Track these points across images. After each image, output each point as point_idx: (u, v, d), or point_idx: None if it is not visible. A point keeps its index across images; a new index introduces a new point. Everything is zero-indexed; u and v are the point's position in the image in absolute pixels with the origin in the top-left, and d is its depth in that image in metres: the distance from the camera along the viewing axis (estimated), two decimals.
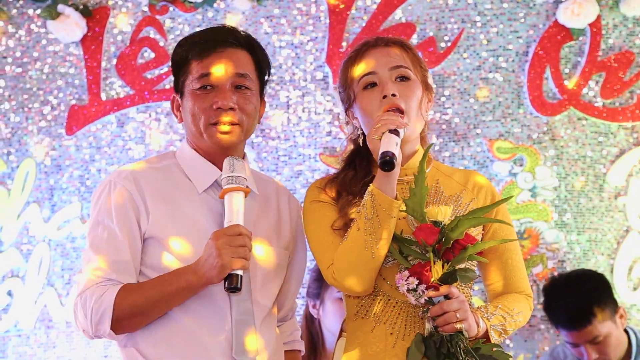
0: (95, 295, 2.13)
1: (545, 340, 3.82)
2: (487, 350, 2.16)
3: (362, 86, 2.27)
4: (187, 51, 2.26)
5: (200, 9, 3.92)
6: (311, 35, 3.93)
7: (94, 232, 2.20)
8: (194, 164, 2.27)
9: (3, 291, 3.78)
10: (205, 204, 2.23)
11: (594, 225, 3.86)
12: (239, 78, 2.25)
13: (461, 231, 2.11)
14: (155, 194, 2.21)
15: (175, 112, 2.31)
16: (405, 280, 2.09)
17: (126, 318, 2.13)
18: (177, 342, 2.17)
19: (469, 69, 3.91)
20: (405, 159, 2.28)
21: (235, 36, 2.28)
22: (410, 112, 2.24)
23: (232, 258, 2.08)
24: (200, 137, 2.24)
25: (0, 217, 3.82)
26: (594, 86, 3.89)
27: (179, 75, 2.29)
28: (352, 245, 2.15)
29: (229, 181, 2.17)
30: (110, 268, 2.16)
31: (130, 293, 2.14)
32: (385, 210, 2.13)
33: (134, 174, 2.23)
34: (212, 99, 2.22)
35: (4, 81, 3.90)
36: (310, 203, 2.28)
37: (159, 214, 2.19)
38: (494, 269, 2.31)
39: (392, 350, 2.18)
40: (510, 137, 3.89)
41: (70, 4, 3.85)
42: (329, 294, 3.36)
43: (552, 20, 3.89)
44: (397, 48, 2.30)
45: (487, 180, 2.37)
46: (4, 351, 3.77)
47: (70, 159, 3.87)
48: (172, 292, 2.14)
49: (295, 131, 3.91)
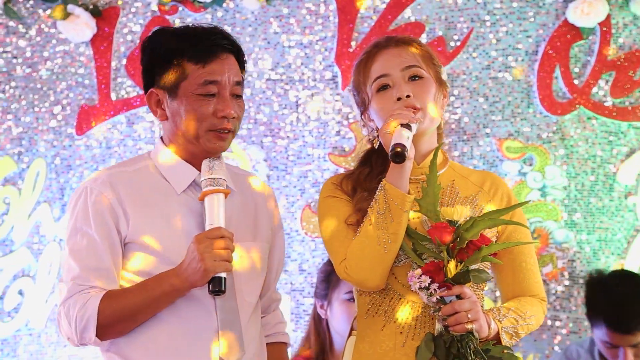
0: (78, 303, 2.12)
1: (554, 340, 3.82)
2: (497, 352, 2.15)
3: (376, 89, 2.27)
4: (182, 51, 2.22)
5: (209, 8, 3.93)
6: (320, 35, 3.93)
7: (72, 239, 2.18)
8: (171, 164, 2.24)
9: (14, 290, 3.79)
10: (185, 205, 2.21)
11: (604, 224, 3.85)
12: (237, 87, 2.25)
13: (476, 232, 2.11)
14: (134, 197, 2.19)
15: (155, 109, 2.26)
16: (417, 279, 2.09)
17: (111, 325, 2.12)
18: (162, 344, 2.17)
19: (479, 68, 3.90)
20: (422, 157, 2.27)
21: (229, 41, 2.27)
22: (427, 110, 2.24)
23: (215, 262, 2.08)
24: (195, 140, 2.22)
25: (11, 216, 3.83)
26: (604, 85, 3.88)
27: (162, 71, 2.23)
28: (365, 240, 2.15)
29: (208, 183, 2.16)
30: (92, 275, 2.14)
31: (114, 299, 2.13)
32: (397, 204, 2.13)
33: (110, 178, 2.20)
34: (215, 106, 2.20)
35: (14, 81, 3.91)
36: (325, 198, 2.28)
37: (139, 217, 2.18)
38: (508, 272, 2.30)
39: (402, 349, 2.17)
40: (519, 136, 3.89)
41: (80, 4, 3.86)
42: (336, 294, 3.36)
43: (562, 20, 3.88)
44: (408, 47, 2.30)
45: (503, 182, 2.35)
46: (15, 350, 3.79)
47: (81, 159, 3.89)
48: (157, 297, 2.13)
49: (305, 131, 3.91)
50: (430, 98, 2.25)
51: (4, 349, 3.78)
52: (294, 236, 3.89)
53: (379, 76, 2.26)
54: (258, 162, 3.89)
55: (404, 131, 2.13)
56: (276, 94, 3.93)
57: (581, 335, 3.81)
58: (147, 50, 2.27)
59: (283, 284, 3.85)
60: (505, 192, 2.32)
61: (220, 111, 2.20)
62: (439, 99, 2.29)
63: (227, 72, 2.22)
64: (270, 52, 3.93)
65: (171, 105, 2.23)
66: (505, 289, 2.32)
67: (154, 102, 2.25)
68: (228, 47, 2.25)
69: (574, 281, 3.85)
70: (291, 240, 3.88)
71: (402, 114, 2.16)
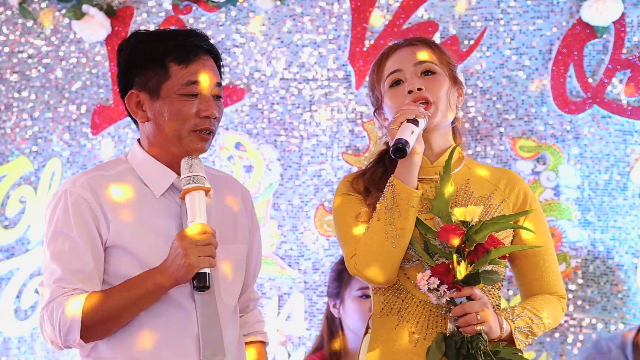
0: (62, 306, 2.11)
1: (568, 339, 3.82)
2: (507, 354, 2.15)
3: (389, 85, 2.28)
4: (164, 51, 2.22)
5: (223, 8, 3.94)
6: (334, 34, 3.94)
7: (54, 243, 2.17)
8: (149, 168, 2.24)
9: (31, 289, 3.82)
10: (164, 208, 2.22)
11: (618, 223, 3.85)
12: (217, 88, 2.26)
13: (484, 235, 2.11)
14: (113, 201, 2.19)
15: (135, 110, 2.25)
16: (426, 280, 2.09)
17: (95, 325, 2.11)
18: (143, 348, 2.16)
19: (492, 67, 3.90)
20: (436, 156, 2.27)
21: (209, 43, 2.28)
22: (439, 103, 2.24)
23: (199, 257, 2.08)
24: (177, 141, 2.22)
25: (27, 215, 3.86)
26: (618, 84, 3.87)
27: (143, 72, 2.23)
28: (373, 236, 2.16)
29: (189, 181, 2.15)
30: (75, 278, 2.13)
31: (98, 300, 2.12)
32: (404, 200, 2.13)
33: (90, 182, 2.19)
34: (197, 106, 2.21)
35: (29, 81, 3.94)
36: (339, 196, 2.29)
37: (118, 221, 2.17)
38: (526, 270, 2.29)
39: (414, 349, 2.18)
40: (533, 135, 3.88)
41: (94, 4, 3.87)
42: (348, 292, 3.38)
43: (576, 18, 3.87)
44: (421, 45, 2.31)
45: (520, 179, 2.34)
46: (32, 347, 3.82)
47: (96, 159, 3.91)
48: (141, 296, 2.12)
49: (318, 130, 3.92)
50: (442, 93, 2.25)
51: (21, 347, 3.82)
52: (308, 235, 3.90)
53: (392, 72, 2.28)
54: (272, 161, 3.91)
55: (410, 126, 2.13)
56: (290, 93, 3.94)
57: (594, 334, 3.81)
58: (124, 52, 2.27)
59: (297, 282, 3.88)
60: (522, 189, 2.30)
61: (203, 111, 2.21)
62: (452, 96, 2.29)
63: (208, 73, 2.23)
64: (283, 52, 3.93)
65: (153, 107, 2.23)
66: (524, 287, 2.32)
67: (134, 104, 2.25)
68: (208, 48, 2.27)
69: (587, 280, 3.85)
70: (305, 239, 3.89)
71: (409, 109, 2.16)
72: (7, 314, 3.80)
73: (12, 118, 3.91)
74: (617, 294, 3.83)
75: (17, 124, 3.91)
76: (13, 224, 3.87)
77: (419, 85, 2.23)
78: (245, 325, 2.41)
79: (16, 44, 3.92)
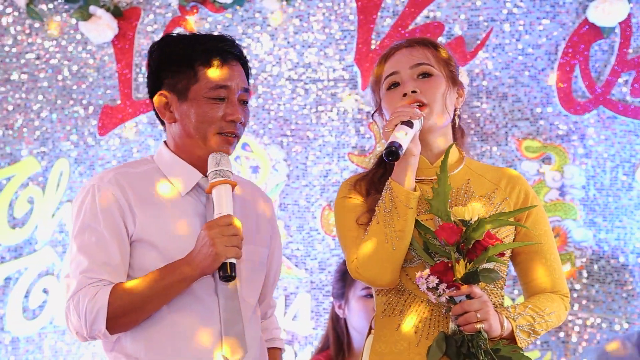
0: (88, 295, 2.14)
1: (572, 338, 3.84)
2: (507, 352, 2.15)
3: (386, 87, 2.29)
4: (193, 55, 2.27)
5: (230, 9, 3.94)
6: (340, 35, 3.94)
7: (81, 236, 2.20)
8: (176, 167, 2.28)
9: (39, 289, 3.84)
10: (189, 207, 2.25)
11: (623, 223, 3.86)
12: (245, 93, 2.30)
13: (481, 232, 2.11)
14: (139, 198, 2.23)
15: (163, 111, 2.30)
16: (425, 279, 2.10)
17: (121, 316, 2.14)
18: (165, 343, 2.19)
19: (498, 67, 3.91)
20: (435, 156, 2.28)
21: (239, 49, 2.33)
22: (433, 105, 2.24)
23: (226, 246, 2.11)
24: (202, 142, 2.26)
25: (35, 216, 3.88)
26: (624, 85, 3.88)
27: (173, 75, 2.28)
28: (373, 239, 2.16)
29: (216, 175, 2.19)
30: (101, 269, 2.16)
31: (124, 291, 2.15)
32: (402, 201, 2.14)
33: (117, 177, 2.24)
34: (224, 110, 2.25)
35: (36, 82, 3.95)
36: (340, 200, 2.30)
37: (144, 217, 2.21)
38: (528, 269, 2.29)
39: (416, 349, 2.18)
40: (539, 136, 3.89)
41: (101, 5, 3.88)
42: (352, 292, 3.39)
43: (582, 19, 3.87)
44: (420, 47, 2.31)
45: (521, 178, 2.33)
46: (40, 347, 3.84)
47: (103, 159, 3.93)
48: (167, 286, 2.15)
49: (324, 130, 3.93)
50: (438, 95, 2.25)
51: (29, 346, 3.84)
52: (314, 235, 3.92)
53: (389, 74, 2.29)
54: (278, 161, 3.92)
55: (403, 128, 2.13)
56: (296, 94, 3.95)
57: (598, 334, 3.83)
58: (155, 54, 2.32)
59: (304, 282, 3.90)
60: (523, 188, 2.30)
61: (229, 115, 2.25)
62: (449, 98, 2.28)
63: (236, 78, 2.28)
64: (290, 52, 3.94)
65: (180, 108, 2.28)
66: (527, 286, 2.31)
67: (162, 105, 2.30)
68: (237, 54, 2.31)
69: (592, 280, 3.86)
70: (311, 239, 3.91)
71: (403, 111, 2.16)
72: (15, 313, 3.83)
73: (20, 119, 3.92)
74: (622, 294, 3.85)
75: (25, 125, 3.92)
76: (21, 224, 3.89)
77: (413, 88, 2.24)
78: (265, 331, 2.44)
79: (24, 45, 3.94)
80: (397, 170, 2.18)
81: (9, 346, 3.83)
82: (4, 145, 3.91)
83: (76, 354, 3.83)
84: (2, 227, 3.87)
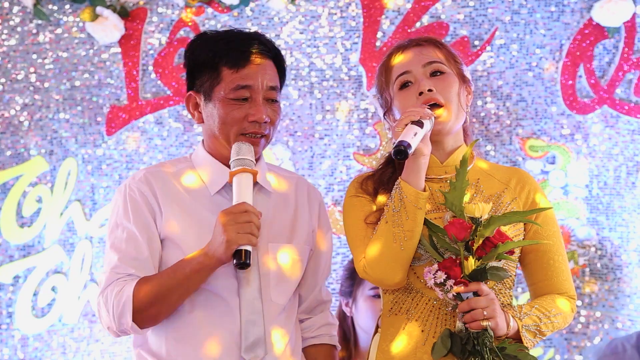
0: (115, 290, 2.18)
1: (575, 336, 3.86)
2: (513, 351, 2.16)
3: (398, 87, 2.29)
4: (217, 56, 2.26)
5: (236, 9, 3.95)
6: (345, 35, 3.95)
7: (113, 234, 2.26)
8: (208, 166, 2.30)
9: (48, 287, 3.87)
10: (217, 206, 2.26)
11: (626, 222, 3.87)
12: (271, 91, 2.28)
13: (492, 229, 2.11)
14: (167, 195, 2.26)
15: (192, 111, 2.33)
16: (433, 274, 2.11)
17: (145, 308, 2.17)
18: (185, 342, 2.22)
19: (502, 67, 3.91)
20: (446, 155, 2.28)
21: (266, 46, 2.30)
22: (450, 105, 2.24)
23: (238, 233, 2.11)
24: (226, 143, 2.27)
25: (43, 215, 3.90)
26: (628, 84, 3.88)
27: (201, 75, 2.28)
28: (381, 239, 2.17)
29: (236, 164, 2.20)
30: (129, 264, 2.21)
31: (147, 283, 2.18)
32: (411, 202, 2.14)
33: (146, 176, 2.29)
34: (246, 110, 2.25)
35: (44, 82, 3.96)
36: (349, 198, 2.31)
37: (172, 215, 2.25)
38: (536, 269, 2.30)
39: (423, 347, 2.20)
40: (542, 135, 3.90)
41: (108, 6, 3.89)
42: (361, 291, 3.39)
43: (587, 18, 3.87)
44: (428, 45, 2.32)
45: (531, 178, 2.34)
46: (49, 344, 3.88)
47: (111, 159, 3.95)
48: (187, 276, 2.17)
49: (330, 130, 3.95)
50: (453, 93, 2.26)
51: (37, 344, 3.87)
52: None
53: (401, 74, 2.28)
54: (284, 161, 3.94)
55: (413, 127, 2.12)
56: (301, 93, 3.96)
57: (601, 332, 3.85)
58: (187, 54, 2.33)
59: None
60: (532, 188, 2.31)
61: (251, 115, 2.25)
62: (462, 96, 2.29)
63: (260, 76, 2.25)
64: (295, 52, 3.95)
65: (206, 109, 2.29)
66: (534, 287, 2.33)
67: (192, 105, 2.32)
68: (264, 52, 2.28)
69: (595, 278, 3.89)
70: None
71: (414, 111, 2.16)
72: (24, 311, 3.86)
73: (28, 118, 3.94)
74: (625, 292, 3.87)
75: (33, 125, 3.94)
76: (29, 223, 3.91)
77: (429, 87, 2.24)
78: (311, 328, 2.43)
79: (31, 45, 3.95)
80: (407, 170, 2.18)
81: (18, 344, 3.86)
82: (12, 145, 3.93)
83: (85, 352, 3.86)
84: (10, 226, 3.89)
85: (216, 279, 2.23)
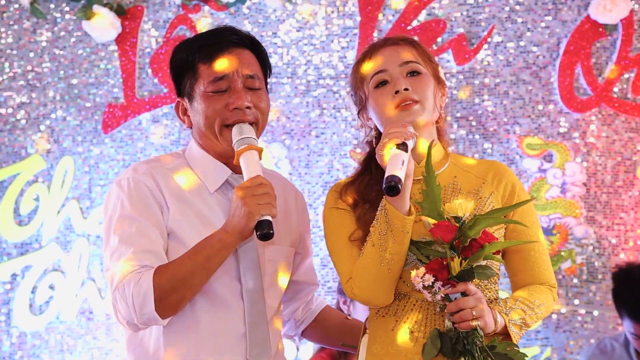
0: (132, 281, 2.13)
1: (573, 334, 3.86)
2: (503, 349, 2.15)
3: (374, 85, 2.25)
4: (192, 55, 2.26)
5: (232, 7, 3.95)
6: (341, 33, 3.95)
7: (121, 228, 2.19)
8: (205, 163, 2.28)
9: (45, 285, 3.90)
10: (217, 203, 2.25)
11: (623, 220, 3.87)
12: (250, 79, 2.25)
13: (478, 230, 2.10)
14: (171, 191, 2.23)
15: (182, 117, 2.31)
16: (420, 278, 2.09)
17: (168, 295, 2.12)
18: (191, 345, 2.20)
19: (500, 65, 3.91)
20: (422, 156, 2.24)
21: (239, 35, 2.28)
22: (425, 103, 2.22)
23: (259, 204, 2.08)
24: (216, 139, 2.25)
25: (40, 213, 3.93)
26: (625, 82, 3.87)
27: (182, 79, 2.28)
28: (369, 262, 2.15)
29: (240, 144, 2.18)
30: (144, 256, 2.16)
31: (166, 270, 2.14)
32: (398, 226, 2.12)
33: (150, 170, 2.25)
34: (226, 99, 2.22)
35: (41, 80, 3.98)
36: (329, 210, 2.28)
37: (176, 210, 2.22)
38: (516, 262, 2.29)
39: (413, 348, 2.18)
40: (540, 133, 3.90)
41: (104, 4, 3.90)
42: None
43: (584, 16, 3.86)
44: (405, 45, 2.29)
45: (507, 170, 2.33)
46: (47, 341, 3.90)
47: (108, 157, 3.96)
48: (209, 256, 2.13)
49: (326, 128, 3.95)
50: (429, 93, 2.24)
51: (35, 341, 3.90)
52: (316, 232, 3.93)
53: (377, 72, 2.25)
54: (280, 159, 3.94)
55: (399, 156, 2.09)
56: (298, 91, 3.97)
57: (599, 330, 3.85)
58: (170, 63, 2.33)
59: None
60: (510, 181, 2.29)
61: (231, 104, 2.22)
62: (437, 96, 2.28)
63: (235, 65, 2.24)
64: (292, 50, 3.96)
65: (192, 110, 2.28)
66: (515, 279, 2.31)
67: (181, 111, 2.30)
68: (237, 41, 2.27)
69: (592, 277, 3.88)
70: (313, 236, 3.92)
71: (397, 132, 2.13)
72: (22, 309, 3.88)
73: (25, 117, 3.96)
74: None
75: (30, 123, 3.96)
76: (27, 221, 3.93)
77: (405, 86, 2.22)
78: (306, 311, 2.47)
79: (28, 43, 3.96)
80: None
81: (16, 341, 3.89)
82: (9, 143, 3.95)
83: (82, 349, 3.89)
84: (8, 224, 3.92)
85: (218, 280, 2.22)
